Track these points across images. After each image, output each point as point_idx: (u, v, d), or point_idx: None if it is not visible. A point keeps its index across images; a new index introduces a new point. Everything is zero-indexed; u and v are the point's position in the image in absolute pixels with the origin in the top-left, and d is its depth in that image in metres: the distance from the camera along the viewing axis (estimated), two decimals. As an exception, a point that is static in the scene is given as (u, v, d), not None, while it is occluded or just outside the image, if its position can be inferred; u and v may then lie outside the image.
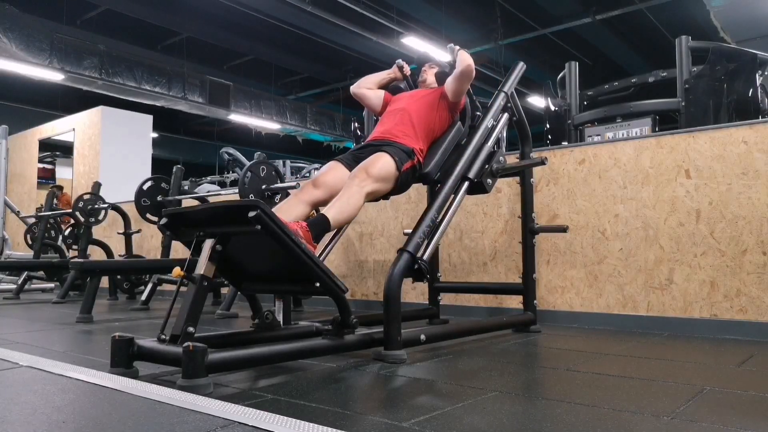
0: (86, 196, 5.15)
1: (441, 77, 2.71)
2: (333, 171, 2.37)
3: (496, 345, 2.33)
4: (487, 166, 2.45)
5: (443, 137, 2.60)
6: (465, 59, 2.53)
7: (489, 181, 2.46)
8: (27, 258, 5.81)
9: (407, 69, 2.89)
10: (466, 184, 2.36)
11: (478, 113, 2.69)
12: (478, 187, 2.43)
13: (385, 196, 2.59)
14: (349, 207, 2.15)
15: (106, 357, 1.74)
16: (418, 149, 2.45)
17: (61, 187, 7.73)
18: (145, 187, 4.55)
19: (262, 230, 1.64)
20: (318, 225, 2.04)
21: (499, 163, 2.49)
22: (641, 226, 2.81)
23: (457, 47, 2.67)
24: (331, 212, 2.10)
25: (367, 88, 2.85)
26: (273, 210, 2.17)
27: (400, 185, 2.39)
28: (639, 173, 2.85)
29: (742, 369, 1.83)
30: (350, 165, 2.37)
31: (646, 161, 2.83)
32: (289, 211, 2.19)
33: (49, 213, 5.75)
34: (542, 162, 2.63)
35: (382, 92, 2.84)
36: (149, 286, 4.18)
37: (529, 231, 2.77)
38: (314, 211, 2.44)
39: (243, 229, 1.74)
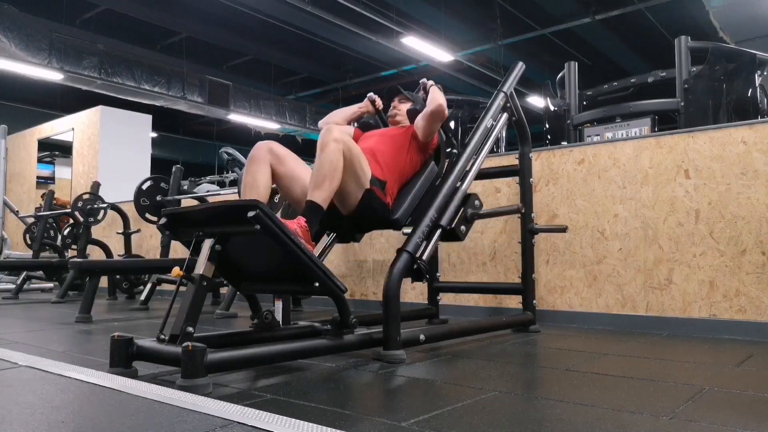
0: (85, 196, 5.14)
1: (412, 114, 2.55)
2: (295, 158, 2.24)
3: (496, 345, 2.33)
4: (461, 211, 2.27)
5: (415, 179, 2.44)
6: (436, 98, 2.37)
7: (463, 228, 2.26)
8: (26, 258, 5.81)
9: (379, 103, 2.72)
10: (438, 231, 2.20)
11: (454, 150, 2.54)
12: (450, 235, 2.24)
13: (352, 232, 2.42)
14: (329, 173, 2.01)
15: (106, 357, 1.74)
16: (388, 189, 2.29)
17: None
18: (144, 187, 4.55)
19: (261, 230, 1.64)
20: (313, 215, 1.98)
21: (475, 207, 2.32)
22: (640, 226, 2.82)
23: (430, 82, 2.53)
24: (316, 194, 2.00)
25: (336, 123, 2.63)
26: (242, 190, 2.16)
27: (364, 206, 2.19)
28: (638, 173, 2.85)
29: (741, 369, 1.83)
30: None
31: (646, 161, 2.83)
32: (256, 184, 2.11)
33: (48, 213, 5.75)
34: (519, 210, 2.50)
35: (351, 128, 2.65)
36: (148, 285, 4.18)
37: (529, 231, 2.77)
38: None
39: (242, 228, 1.74)
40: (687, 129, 2.82)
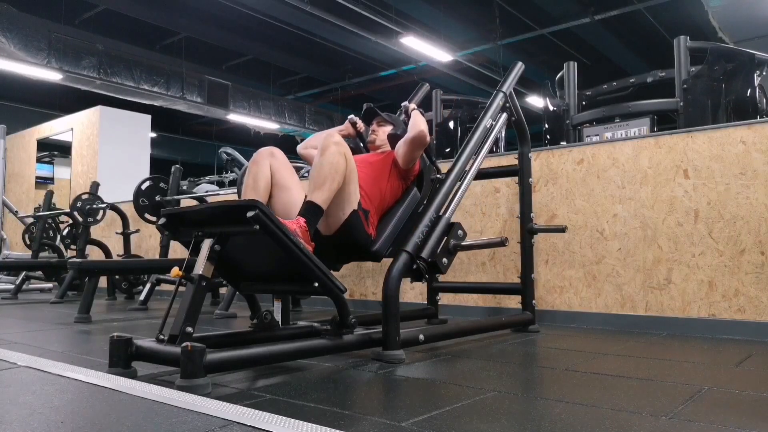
0: (84, 196, 5.14)
1: (393, 140, 2.46)
2: (291, 169, 2.23)
3: (495, 345, 2.33)
4: (444, 241, 2.16)
5: (396, 207, 2.37)
6: (417, 123, 2.31)
7: (445, 260, 2.13)
8: (25, 258, 5.81)
9: (360, 125, 2.63)
10: (419, 263, 2.09)
11: (438, 176, 2.48)
12: (432, 267, 2.12)
13: (332, 259, 2.29)
14: (329, 174, 1.98)
15: (105, 357, 1.74)
16: (371, 220, 2.24)
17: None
18: (143, 187, 4.55)
19: (260, 230, 1.64)
20: (313, 215, 1.98)
21: (458, 238, 2.19)
22: (640, 226, 2.82)
23: (412, 106, 2.47)
24: (316, 194, 1.98)
25: (314, 148, 2.48)
26: (242, 191, 2.15)
27: (347, 229, 2.13)
28: (637, 173, 2.85)
29: (741, 369, 1.83)
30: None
31: (645, 161, 2.83)
32: (257, 185, 2.11)
33: (47, 213, 5.74)
34: (503, 243, 2.33)
35: None
36: (147, 286, 4.17)
37: (528, 231, 2.77)
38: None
39: (241, 228, 1.74)
40: (686, 129, 2.82)
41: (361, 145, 2.71)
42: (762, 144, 2.54)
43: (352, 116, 2.66)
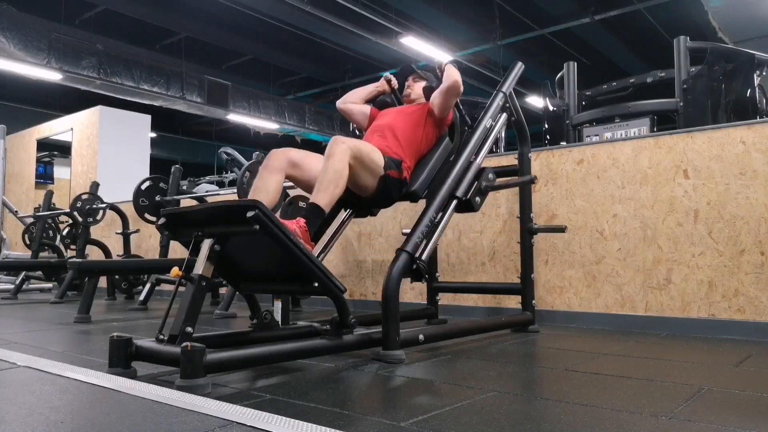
0: (84, 196, 5.14)
1: (428, 92, 2.63)
2: (312, 157, 2.29)
3: (495, 345, 2.33)
4: (476, 184, 2.39)
5: (430, 154, 2.53)
6: (452, 74, 2.45)
7: (477, 199, 2.38)
8: (25, 258, 5.81)
9: (395, 82, 2.80)
10: (454, 202, 2.31)
11: (467, 128, 2.62)
12: (466, 206, 2.36)
13: (369, 209, 2.53)
14: (333, 179, 2.06)
15: (105, 357, 1.74)
16: (405, 166, 2.38)
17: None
18: (143, 187, 4.55)
19: (260, 230, 1.64)
20: (314, 216, 2.00)
21: (489, 180, 2.43)
22: (639, 226, 2.82)
23: (446, 61, 2.60)
24: (319, 197, 2.04)
25: (353, 102, 2.79)
26: (250, 192, 2.17)
27: (382, 190, 2.30)
28: (637, 173, 2.85)
29: (740, 369, 1.83)
30: None
31: (645, 161, 2.84)
32: (266, 188, 2.13)
33: (47, 213, 5.74)
34: (532, 180, 2.62)
35: (368, 107, 2.78)
36: (147, 286, 4.17)
37: (528, 231, 2.77)
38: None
39: (241, 228, 1.74)
40: (686, 129, 2.82)
41: (395, 100, 2.87)
42: (762, 144, 2.54)
43: (387, 74, 2.83)
